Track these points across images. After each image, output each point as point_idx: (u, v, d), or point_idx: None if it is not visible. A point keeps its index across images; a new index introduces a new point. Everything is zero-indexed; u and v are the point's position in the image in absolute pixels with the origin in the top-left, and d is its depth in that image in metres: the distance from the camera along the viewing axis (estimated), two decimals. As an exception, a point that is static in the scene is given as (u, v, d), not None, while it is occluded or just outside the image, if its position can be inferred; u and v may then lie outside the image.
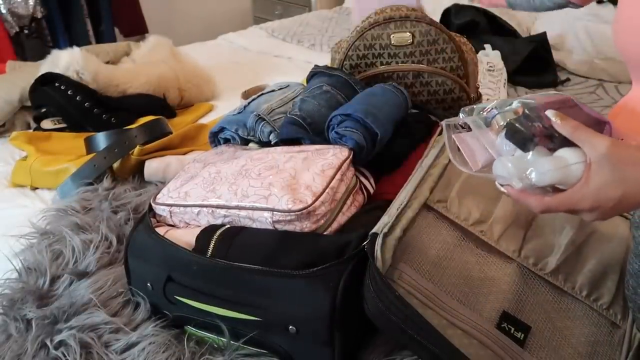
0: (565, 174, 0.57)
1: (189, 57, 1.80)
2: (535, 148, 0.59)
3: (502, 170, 0.61)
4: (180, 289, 0.78)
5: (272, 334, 0.73)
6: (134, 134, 1.23)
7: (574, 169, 0.57)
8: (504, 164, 0.60)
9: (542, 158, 0.59)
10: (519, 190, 0.61)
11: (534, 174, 0.58)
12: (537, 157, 0.59)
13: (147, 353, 0.75)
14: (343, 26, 2.48)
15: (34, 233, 1.02)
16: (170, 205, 0.84)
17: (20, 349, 0.77)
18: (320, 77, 1.12)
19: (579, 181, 0.57)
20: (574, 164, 0.57)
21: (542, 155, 0.59)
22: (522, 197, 0.61)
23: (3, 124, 1.47)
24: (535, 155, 0.59)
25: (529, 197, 0.60)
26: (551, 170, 0.58)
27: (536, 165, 0.58)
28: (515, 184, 0.60)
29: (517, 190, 0.61)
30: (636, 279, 0.72)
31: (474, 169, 0.65)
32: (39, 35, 2.53)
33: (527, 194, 0.60)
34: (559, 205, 0.58)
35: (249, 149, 1.01)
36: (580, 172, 0.57)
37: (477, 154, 0.65)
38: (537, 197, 0.59)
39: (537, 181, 0.58)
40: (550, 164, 0.58)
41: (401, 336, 0.65)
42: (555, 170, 0.58)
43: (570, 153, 0.58)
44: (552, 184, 0.59)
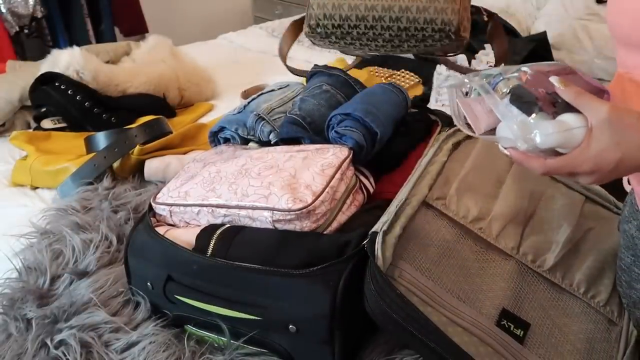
0: (568, 137, 0.59)
1: (189, 57, 1.80)
2: (538, 112, 0.61)
3: (506, 132, 0.63)
4: (180, 288, 0.78)
5: (272, 333, 0.73)
6: (134, 134, 1.23)
7: (576, 132, 0.59)
8: (510, 126, 0.62)
9: (545, 121, 0.61)
10: (522, 152, 0.62)
11: (538, 136, 0.60)
12: (540, 121, 0.61)
13: (147, 352, 0.76)
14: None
15: (34, 232, 1.02)
16: (170, 204, 0.84)
17: (20, 349, 0.77)
18: (319, 76, 1.12)
19: (580, 145, 0.58)
20: (576, 128, 0.59)
21: (545, 119, 0.61)
22: (525, 159, 0.62)
23: (3, 124, 1.47)
24: (538, 119, 0.61)
25: (531, 159, 0.61)
26: (555, 132, 0.59)
27: (540, 127, 0.60)
28: (520, 145, 0.61)
29: (520, 152, 0.62)
30: (629, 273, 0.73)
31: (477, 132, 0.66)
32: (39, 35, 2.53)
33: (529, 156, 0.62)
34: (560, 167, 0.60)
35: (248, 149, 1.01)
36: (582, 136, 0.58)
37: (481, 118, 0.67)
38: (539, 159, 0.61)
39: (541, 143, 0.59)
40: (553, 127, 0.59)
41: (402, 334, 0.66)
42: (558, 133, 0.59)
43: (573, 118, 0.60)
44: (554, 147, 0.60)
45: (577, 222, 0.83)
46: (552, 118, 0.61)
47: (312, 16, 1.12)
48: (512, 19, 2.05)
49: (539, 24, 2.07)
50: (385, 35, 1.10)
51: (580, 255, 0.79)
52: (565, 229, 0.81)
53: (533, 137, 0.60)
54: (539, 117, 0.61)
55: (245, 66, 2.03)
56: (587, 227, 0.83)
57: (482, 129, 0.66)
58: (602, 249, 0.81)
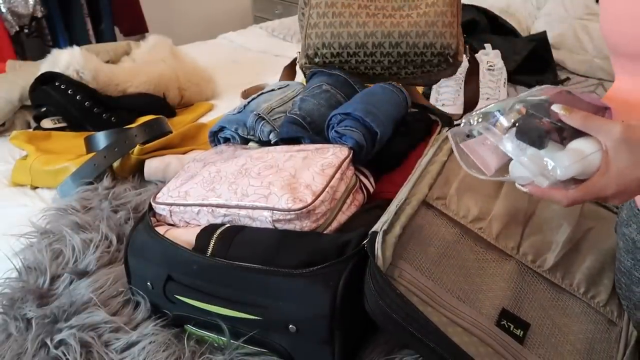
0: (585, 165, 0.58)
1: (189, 57, 1.80)
2: (549, 144, 0.60)
3: (521, 170, 0.61)
4: (180, 288, 0.78)
5: (272, 332, 0.73)
6: (134, 133, 1.23)
7: (592, 158, 0.58)
8: (523, 162, 0.60)
9: (558, 152, 0.59)
10: (543, 188, 0.60)
11: (558, 169, 0.58)
12: (554, 153, 0.59)
13: (147, 352, 0.76)
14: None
15: (34, 232, 1.02)
16: (170, 204, 0.84)
17: (20, 348, 0.77)
18: (320, 76, 1.12)
19: (598, 169, 0.57)
20: (592, 154, 0.58)
21: (557, 150, 0.60)
22: (548, 194, 0.61)
23: (3, 123, 1.47)
24: (551, 152, 0.59)
25: (553, 192, 0.60)
26: (572, 163, 0.58)
27: (556, 160, 0.59)
28: (541, 182, 0.60)
29: (541, 187, 0.61)
30: (628, 277, 0.73)
31: (489, 174, 0.65)
32: (39, 35, 2.53)
33: (551, 190, 0.60)
34: (584, 195, 0.59)
35: (248, 148, 1.01)
36: (598, 160, 0.58)
37: (489, 159, 0.65)
38: (561, 192, 0.59)
39: (562, 175, 0.58)
40: (569, 157, 0.58)
41: (402, 334, 0.66)
42: (576, 162, 0.58)
43: (585, 143, 0.59)
44: (574, 176, 0.59)
45: (577, 222, 0.83)
46: (563, 147, 0.60)
47: (310, 46, 1.13)
48: (512, 19, 2.05)
49: (539, 23, 2.07)
50: (384, 62, 1.11)
51: (580, 255, 0.79)
52: (565, 228, 0.81)
53: (552, 172, 0.59)
54: (550, 149, 0.59)
55: (245, 66, 2.03)
56: (587, 227, 0.83)
57: (492, 169, 0.65)
58: (602, 249, 0.81)
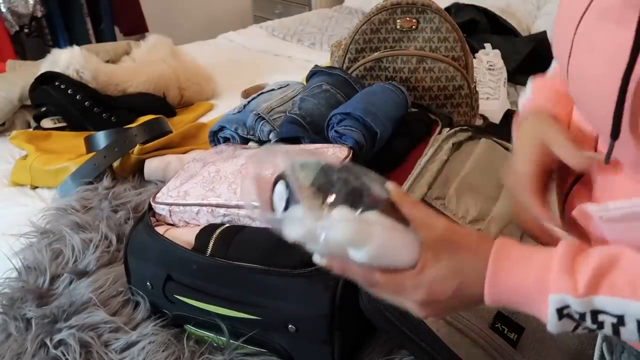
0: (364, 231, 0.47)
1: (189, 56, 1.80)
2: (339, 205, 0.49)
3: (296, 229, 0.49)
4: (179, 288, 0.78)
5: (272, 332, 0.73)
6: (134, 133, 1.23)
7: (375, 231, 0.47)
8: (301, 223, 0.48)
9: (343, 209, 0.48)
10: (340, 259, 0.50)
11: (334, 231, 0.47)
12: (338, 208, 0.48)
13: (146, 352, 0.76)
14: (343, 25, 2.48)
15: (33, 232, 1.02)
16: (170, 204, 0.84)
17: (20, 348, 0.77)
18: (320, 76, 1.12)
19: (412, 266, 0.48)
20: (378, 226, 0.48)
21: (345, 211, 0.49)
22: (343, 267, 0.51)
23: (3, 123, 1.47)
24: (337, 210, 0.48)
25: (351, 266, 0.50)
26: (350, 221, 0.47)
27: (337, 214, 0.48)
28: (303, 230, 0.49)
29: (338, 258, 0.50)
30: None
31: (261, 213, 0.54)
32: (39, 34, 2.52)
33: (347, 263, 0.50)
34: (387, 283, 0.49)
35: (248, 148, 1.01)
36: (412, 252, 0.48)
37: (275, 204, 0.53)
38: (368, 270, 0.49)
39: (328, 230, 0.47)
40: (349, 215, 0.48)
41: (396, 333, 0.66)
42: (354, 222, 0.47)
43: (381, 219, 0.48)
44: (346, 240, 0.47)
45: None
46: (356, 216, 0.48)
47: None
48: (512, 19, 2.04)
49: (539, 23, 2.07)
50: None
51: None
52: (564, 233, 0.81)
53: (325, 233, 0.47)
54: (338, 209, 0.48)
55: (245, 66, 2.03)
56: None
57: (268, 212, 0.53)
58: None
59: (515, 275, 0.46)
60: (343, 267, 0.51)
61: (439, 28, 1.17)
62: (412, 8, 1.17)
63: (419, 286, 0.48)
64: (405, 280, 0.48)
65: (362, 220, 0.48)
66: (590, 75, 0.49)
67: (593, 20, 0.48)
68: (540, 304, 0.45)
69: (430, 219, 0.50)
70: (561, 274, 0.44)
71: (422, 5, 1.17)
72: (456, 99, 1.21)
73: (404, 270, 0.48)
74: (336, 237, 0.47)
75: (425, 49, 1.19)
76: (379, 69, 1.21)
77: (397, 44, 1.20)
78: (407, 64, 1.19)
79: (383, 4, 1.19)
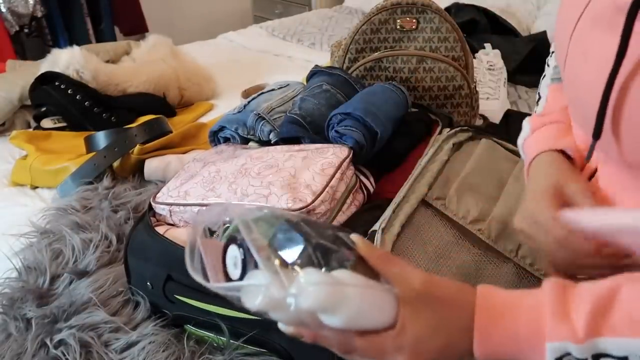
0: (339, 295, 0.42)
1: (189, 56, 1.80)
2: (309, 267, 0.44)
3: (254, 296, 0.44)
4: (179, 288, 0.78)
5: (272, 332, 0.73)
6: (134, 133, 1.23)
7: (350, 292, 0.43)
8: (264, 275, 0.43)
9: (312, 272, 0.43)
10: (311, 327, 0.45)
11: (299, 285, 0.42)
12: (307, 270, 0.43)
13: (146, 352, 0.75)
14: (343, 25, 2.48)
15: (33, 232, 1.02)
16: (170, 204, 0.84)
17: (20, 348, 0.77)
18: (320, 76, 1.12)
19: (392, 325, 0.44)
20: (351, 286, 0.43)
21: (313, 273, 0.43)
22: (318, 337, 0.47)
23: (3, 123, 1.47)
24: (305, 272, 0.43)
25: (329, 334, 0.46)
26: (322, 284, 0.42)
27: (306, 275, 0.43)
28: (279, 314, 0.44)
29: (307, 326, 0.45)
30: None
31: (212, 282, 0.48)
32: (39, 34, 2.53)
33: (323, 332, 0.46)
34: (366, 348, 0.45)
35: (248, 148, 1.01)
36: (389, 310, 0.44)
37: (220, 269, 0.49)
38: (344, 335, 0.45)
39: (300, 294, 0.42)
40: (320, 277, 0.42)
41: None
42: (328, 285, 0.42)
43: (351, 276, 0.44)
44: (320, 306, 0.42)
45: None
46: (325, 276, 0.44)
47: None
48: (512, 19, 2.04)
49: (539, 23, 2.07)
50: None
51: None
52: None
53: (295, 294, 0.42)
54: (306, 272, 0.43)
55: (246, 66, 2.03)
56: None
57: (221, 279, 0.49)
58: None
59: (504, 327, 0.44)
60: (315, 335, 0.47)
61: (439, 28, 1.17)
62: (412, 8, 1.18)
63: (402, 347, 0.44)
64: (385, 342, 0.44)
65: (334, 283, 0.42)
66: (582, 81, 0.49)
67: (586, 27, 0.49)
68: (535, 354, 0.42)
69: (406, 273, 0.46)
70: (556, 320, 0.42)
71: (422, 5, 1.17)
72: (456, 99, 1.21)
73: (383, 331, 0.44)
74: (307, 304, 0.42)
75: (425, 49, 1.19)
76: (379, 69, 1.21)
77: (397, 44, 1.20)
78: (407, 64, 1.19)
79: (383, 4, 1.19)
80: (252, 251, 0.44)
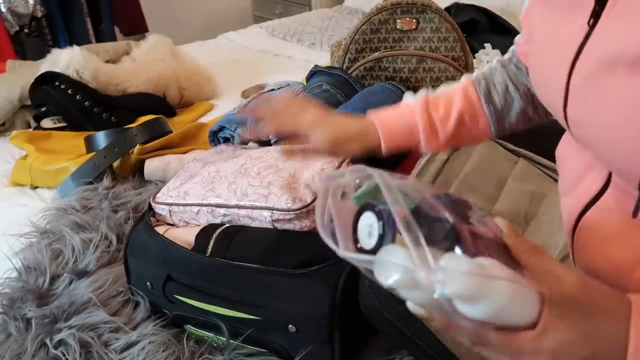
0: (485, 286, 0.39)
1: (189, 56, 1.80)
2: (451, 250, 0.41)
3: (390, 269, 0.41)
4: (179, 288, 0.78)
5: (272, 332, 0.73)
6: (134, 133, 1.23)
7: (500, 287, 0.40)
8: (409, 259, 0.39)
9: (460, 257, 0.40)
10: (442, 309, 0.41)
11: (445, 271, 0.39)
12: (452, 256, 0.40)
13: (146, 352, 0.76)
14: (343, 25, 2.48)
15: (33, 232, 1.02)
16: (170, 204, 0.84)
17: (20, 348, 0.77)
18: (320, 76, 1.12)
19: (532, 326, 0.41)
20: (501, 280, 0.40)
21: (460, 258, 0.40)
22: (452, 325, 0.43)
23: (3, 123, 1.47)
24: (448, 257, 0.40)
25: (463, 323, 0.42)
26: (469, 273, 0.39)
27: (453, 261, 0.40)
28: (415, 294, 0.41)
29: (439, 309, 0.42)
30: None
31: (342, 250, 0.44)
32: (39, 34, 2.53)
33: (458, 320, 0.42)
34: (501, 344, 0.42)
35: (248, 148, 1.01)
36: (532, 308, 0.41)
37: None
38: (481, 328, 0.42)
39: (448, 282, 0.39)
40: (468, 264, 0.39)
41: (394, 332, 0.65)
42: (475, 276, 0.39)
43: (501, 268, 0.41)
44: (463, 294, 0.39)
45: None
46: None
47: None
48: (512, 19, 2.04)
49: (540, 23, 2.06)
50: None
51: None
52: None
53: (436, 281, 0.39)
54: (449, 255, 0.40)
55: (245, 66, 2.03)
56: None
57: (351, 248, 0.45)
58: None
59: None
60: (448, 323, 0.44)
61: (438, 28, 1.18)
62: (412, 8, 1.18)
63: (541, 351, 0.41)
64: (523, 342, 0.41)
65: (483, 273, 0.40)
66: (604, 124, 0.45)
67: (595, 65, 0.45)
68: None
69: (557, 271, 0.42)
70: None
71: (422, 5, 1.17)
72: None
73: (522, 330, 0.41)
74: (452, 291, 0.39)
75: (425, 49, 1.19)
76: (379, 69, 1.21)
77: (397, 44, 1.20)
78: (407, 64, 1.19)
79: (383, 4, 1.19)
80: (398, 224, 0.40)
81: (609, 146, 0.45)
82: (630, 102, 0.41)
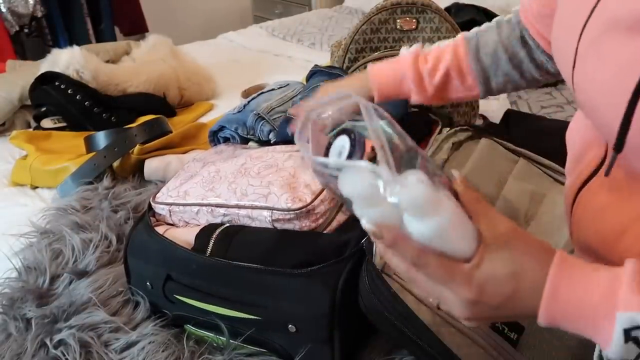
0: (435, 202, 0.43)
1: (189, 56, 1.80)
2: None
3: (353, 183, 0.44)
4: (179, 288, 0.78)
5: (272, 332, 0.73)
6: (134, 133, 1.23)
7: (445, 207, 0.44)
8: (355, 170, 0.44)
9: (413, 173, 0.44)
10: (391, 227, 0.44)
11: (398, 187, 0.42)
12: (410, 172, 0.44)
13: (146, 352, 0.75)
14: (343, 25, 2.48)
15: (33, 232, 1.02)
16: (170, 204, 0.84)
17: (19, 348, 0.77)
18: (320, 76, 1.12)
19: (469, 257, 0.44)
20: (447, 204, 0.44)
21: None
22: (396, 241, 0.45)
23: (3, 123, 1.47)
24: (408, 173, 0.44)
25: (408, 241, 0.45)
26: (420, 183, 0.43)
27: (409, 176, 0.43)
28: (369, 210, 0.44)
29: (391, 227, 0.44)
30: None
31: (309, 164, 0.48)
32: (39, 34, 2.53)
33: (404, 238, 0.45)
34: (437, 268, 0.44)
35: (248, 148, 1.01)
36: (471, 243, 0.45)
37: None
38: (422, 248, 0.45)
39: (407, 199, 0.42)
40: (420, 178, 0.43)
41: (394, 332, 0.65)
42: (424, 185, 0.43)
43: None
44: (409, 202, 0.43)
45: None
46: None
47: None
48: (513, 18, 2.04)
49: (540, 23, 2.06)
50: None
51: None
52: (565, 232, 0.81)
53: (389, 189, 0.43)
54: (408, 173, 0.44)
55: (245, 65, 2.03)
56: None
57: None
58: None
59: (577, 291, 0.43)
60: (395, 239, 0.45)
61: (439, 28, 1.18)
62: (412, 8, 1.18)
63: (471, 282, 0.44)
64: (457, 271, 0.44)
65: (438, 192, 0.43)
66: (598, 85, 0.47)
67: (599, 28, 0.46)
68: (603, 323, 0.41)
69: (494, 216, 0.46)
70: (631, 292, 0.41)
71: (422, 5, 1.17)
72: None
73: (458, 261, 0.45)
74: (408, 200, 0.42)
75: None
76: None
77: (397, 44, 1.20)
78: None
79: (383, 3, 1.19)
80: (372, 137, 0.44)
81: (599, 101, 0.47)
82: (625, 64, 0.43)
